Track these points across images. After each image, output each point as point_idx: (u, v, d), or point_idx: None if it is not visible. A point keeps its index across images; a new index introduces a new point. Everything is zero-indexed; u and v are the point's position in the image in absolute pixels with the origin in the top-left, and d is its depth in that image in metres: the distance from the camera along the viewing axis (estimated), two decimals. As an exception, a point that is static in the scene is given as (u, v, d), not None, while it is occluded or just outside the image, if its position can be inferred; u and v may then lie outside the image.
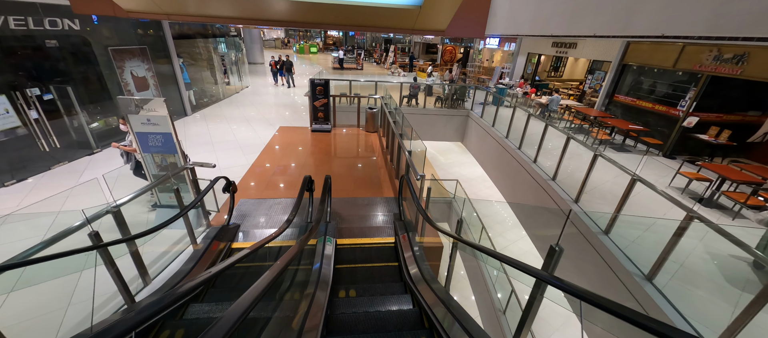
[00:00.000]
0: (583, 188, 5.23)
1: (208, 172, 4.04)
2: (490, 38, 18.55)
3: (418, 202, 3.44)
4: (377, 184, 5.73)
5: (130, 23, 7.72)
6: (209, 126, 8.60)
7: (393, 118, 6.43)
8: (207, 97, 11.24)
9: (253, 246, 2.47)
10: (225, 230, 3.90)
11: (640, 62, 9.12)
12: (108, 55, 6.97)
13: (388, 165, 6.57)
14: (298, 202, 3.31)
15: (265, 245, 2.67)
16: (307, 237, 2.67)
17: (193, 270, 3.22)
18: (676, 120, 8.05)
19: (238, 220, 4.40)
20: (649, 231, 4.55)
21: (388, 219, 4.66)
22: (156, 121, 3.68)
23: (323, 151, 7.18)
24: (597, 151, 4.95)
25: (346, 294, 3.06)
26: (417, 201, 3.46)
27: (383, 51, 31.39)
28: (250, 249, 2.39)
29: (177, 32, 9.13)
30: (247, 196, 5.07)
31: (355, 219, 4.61)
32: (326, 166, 6.38)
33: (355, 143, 7.83)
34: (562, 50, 12.80)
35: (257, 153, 6.78)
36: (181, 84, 9.11)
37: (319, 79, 8.19)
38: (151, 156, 3.92)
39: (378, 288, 3.15)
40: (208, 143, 7.19)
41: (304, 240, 2.66)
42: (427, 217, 3.07)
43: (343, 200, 5.10)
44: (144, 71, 7.98)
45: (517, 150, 7.80)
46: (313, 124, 8.54)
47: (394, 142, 6.52)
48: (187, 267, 3.19)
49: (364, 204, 5.03)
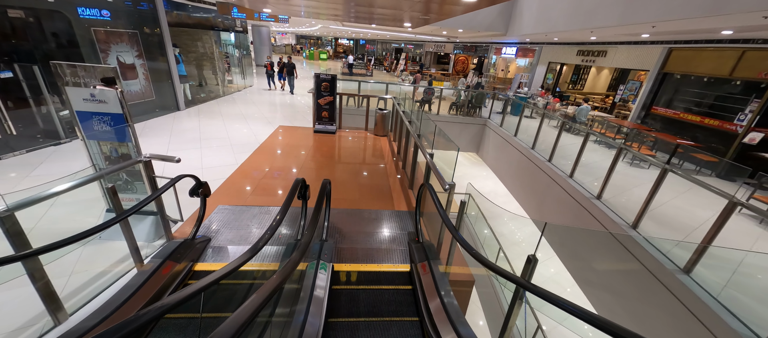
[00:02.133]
0: (646, 210, 4.18)
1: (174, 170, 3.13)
2: (507, 46, 17.76)
3: (448, 222, 2.47)
4: (387, 195, 4.77)
5: (120, 3, 7.03)
6: (201, 121, 7.78)
7: (408, 117, 5.51)
8: (205, 92, 10.51)
9: (211, 278, 1.53)
10: (187, 246, 2.95)
11: (685, 71, 8.13)
12: (91, 35, 6.24)
13: (401, 172, 5.61)
14: (283, 212, 2.37)
15: (231, 272, 1.73)
16: (286, 271, 1.71)
17: (128, 302, 2.26)
18: (731, 136, 6.99)
19: (210, 232, 3.46)
20: (744, 273, 3.48)
21: (401, 238, 3.67)
22: (104, 97, 2.80)
23: (326, 154, 6.27)
24: (667, 166, 3.93)
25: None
26: (447, 220, 2.49)
27: (393, 59, 30.91)
28: (194, 291, 1.43)
29: (174, 19, 8.45)
30: (228, 202, 4.13)
31: (360, 237, 3.64)
32: (328, 171, 5.45)
33: (363, 146, 6.92)
34: (589, 59, 11.88)
35: (249, 152, 5.89)
36: (174, 76, 8.36)
37: (325, 74, 7.35)
38: (96, 144, 3.02)
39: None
40: (196, 140, 6.34)
41: (282, 274, 1.70)
42: (467, 246, 2.08)
43: (346, 212, 4.13)
44: (133, 58, 7.24)
45: (548, 162, 6.79)
46: (317, 124, 7.67)
47: (408, 147, 5.58)
48: (118, 300, 2.23)
49: (371, 218, 4.06)
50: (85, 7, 6.29)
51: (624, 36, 8.93)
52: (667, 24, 4.69)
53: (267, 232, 2.07)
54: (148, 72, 7.67)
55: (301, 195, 3.19)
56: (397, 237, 3.68)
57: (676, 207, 5.16)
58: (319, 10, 5.16)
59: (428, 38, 20.40)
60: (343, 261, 3.18)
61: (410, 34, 18.18)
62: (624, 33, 6.58)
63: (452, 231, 2.37)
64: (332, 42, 44.77)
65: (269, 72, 14.11)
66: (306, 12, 5.74)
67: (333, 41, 44.62)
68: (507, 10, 9.58)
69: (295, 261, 1.91)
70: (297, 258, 1.94)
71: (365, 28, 15.82)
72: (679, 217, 4.84)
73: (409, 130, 4.97)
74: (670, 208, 5.06)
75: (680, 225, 4.66)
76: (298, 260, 1.95)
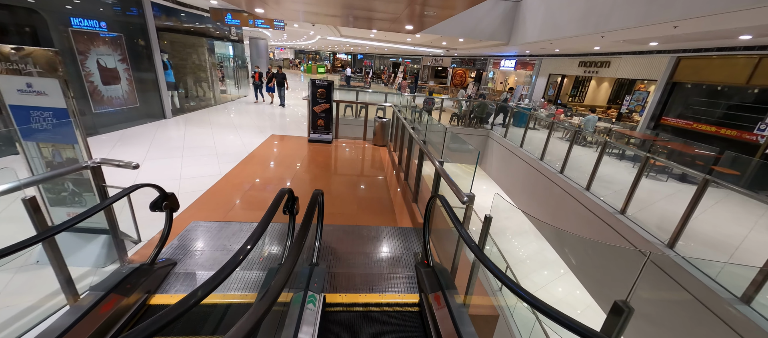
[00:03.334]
0: (683, 228, 3.67)
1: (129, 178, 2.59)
2: (506, 59, 17.68)
3: (472, 244, 1.93)
4: (388, 209, 4.23)
5: (109, 8, 6.64)
6: (187, 130, 7.26)
7: (412, 124, 5.04)
8: (195, 100, 10.04)
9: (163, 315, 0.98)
10: (143, 273, 2.37)
11: (696, 80, 7.83)
12: (69, 36, 5.79)
13: (403, 185, 5.09)
14: (261, 229, 1.84)
15: (191, 306, 1.19)
16: (258, 313, 1.16)
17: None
18: (751, 146, 6.60)
19: (177, 254, 2.87)
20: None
21: (406, 260, 3.12)
22: (41, 88, 2.28)
23: (321, 164, 5.74)
24: (709, 177, 3.45)
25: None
26: (471, 241, 1.95)
27: (391, 73, 30.95)
28: None
29: (163, 24, 8.07)
30: (205, 217, 3.56)
31: (357, 260, 3.07)
32: (323, 182, 4.92)
33: (361, 157, 6.41)
34: (592, 70, 11.67)
35: (236, 162, 5.35)
36: (161, 82, 7.90)
37: (321, 80, 6.93)
38: (35, 146, 2.48)
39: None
40: (178, 148, 5.80)
41: (252, 318, 1.14)
42: (507, 279, 1.54)
43: (342, 229, 3.58)
44: (116, 62, 6.78)
45: (560, 175, 6.32)
46: (312, 133, 7.18)
47: (412, 156, 5.09)
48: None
49: (371, 236, 3.50)
50: (81, 18, 5.97)
51: (630, 45, 8.68)
52: (691, 23, 4.34)
53: (230, 262, 1.52)
54: (133, 77, 7.20)
55: (288, 209, 2.64)
56: (402, 260, 3.12)
57: (705, 221, 4.66)
58: (315, 9, 4.76)
59: (426, 51, 20.35)
60: (337, 289, 2.61)
61: (408, 46, 18.08)
62: (637, 38, 6.28)
63: (479, 256, 1.83)
64: (330, 56, 45.07)
65: (256, 83, 12.77)
66: (301, 13, 5.35)
67: (331, 56, 44.92)
68: (509, 18, 9.35)
69: (272, 295, 1.35)
70: (275, 292, 1.39)
71: (364, 38, 15.66)
72: (714, 235, 4.33)
73: (414, 136, 4.49)
74: (700, 224, 4.57)
75: (718, 243, 4.15)
76: (276, 294, 1.40)
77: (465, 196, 2.32)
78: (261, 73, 12.84)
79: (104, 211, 2.45)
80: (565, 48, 10.74)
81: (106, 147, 5.60)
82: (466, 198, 2.31)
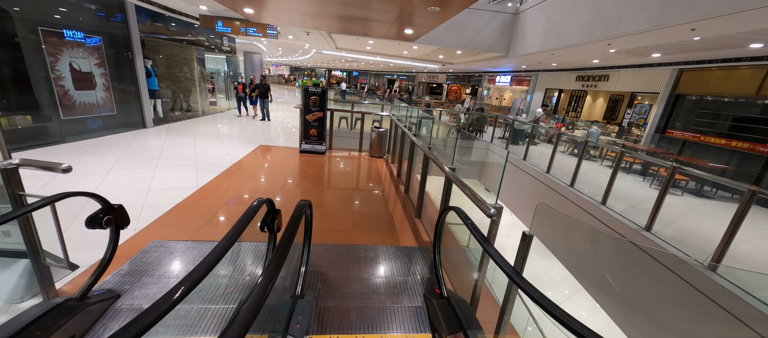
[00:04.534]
0: (726, 249, 3.21)
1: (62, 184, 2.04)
2: (502, 75, 17.70)
3: (509, 269, 1.42)
4: (387, 225, 3.70)
5: (92, 14, 6.20)
6: (167, 139, 6.70)
7: (414, 131, 4.59)
8: (181, 111, 9.51)
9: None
10: (67, 310, 1.78)
11: (701, 91, 7.65)
12: (38, 37, 5.30)
13: (404, 198, 4.58)
14: (222, 249, 1.32)
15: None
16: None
17: None
18: (765, 159, 6.30)
19: (127, 282, 2.28)
20: None
21: (412, 287, 2.56)
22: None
23: (312, 176, 5.22)
24: (756, 188, 3.03)
25: None
26: (507, 266, 1.44)
27: (386, 89, 31.04)
28: None
29: (149, 30, 7.65)
30: (169, 235, 2.98)
31: (353, 288, 2.51)
32: (314, 195, 4.38)
33: (356, 168, 5.91)
34: (590, 84, 11.57)
35: (216, 173, 4.80)
36: (142, 89, 7.38)
37: (314, 88, 6.51)
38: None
39: None
40: (152, 158, 5.23)
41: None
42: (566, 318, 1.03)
43: (335, 249, 3.02)
44: (91, 66, 6.27)
45: (570, 188, 5.89)
46: (303, 144, 6.68)
47: (413, 166, 4.61)
48: None
49: (369, 257, 2.95)
50: (71, 30, 5.62)
51: (631, 58, 8.56)
52: (709, 26, 4.07)
53: (161, 301, 0.99)
54: (110, 83, 6.68)
55: (268, 225, 2.10)
56: (408, 287, 2.57)
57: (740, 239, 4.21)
58: (306, 7, 4.39)
59: (422, 65, 20.37)
60: (327, 329, 2.04)
61: (404, 61, 18.03)
62: (645, 45, 6.06)
63: (526, 288, 1.31)
64: (326, 73, 45.35)
65: (240, 95, 11.33)
66: (293, 13, 4.98)
67: (326, 72, 45.21)
68: (507, 30, 9.22)
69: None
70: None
71: (359, 51, 15.52)
72: (754, 255, 3.87)
73: (416, 143, 4.02)
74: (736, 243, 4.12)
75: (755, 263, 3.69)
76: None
77: (492, 208, 1.83)
78: (245, 84, 11.46)
79: (22, 230, 1.88)
80: (564, 62, 10.64)
81: (70, 156, 5.00)
82: (493, 211, 1.81)
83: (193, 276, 1.15)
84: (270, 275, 1.23)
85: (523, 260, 1.66)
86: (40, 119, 5.48)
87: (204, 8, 7.94)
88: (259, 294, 1.10)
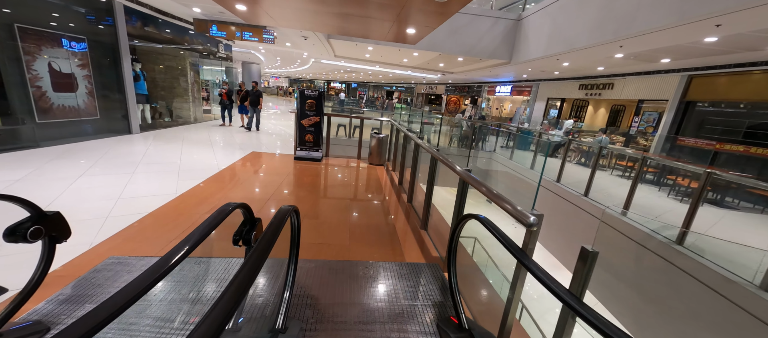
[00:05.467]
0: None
1: None
2: (502, 85, 17.55)
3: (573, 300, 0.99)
4: (389, 238, 3.25)
5: (81, 17, 5.88)
6: (152, 145, 6.28)
7: (418, 133, 4.20)
8: (171, 117, 9.12)
9: None
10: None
11: (714, 98, 7.37)
12: (14, 32, 4.94)
13: (406, 207, 4.15)
14: (163, 262, 0.87)
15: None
16: None
17: None
18: (791, 167, 5.94)
19: (65, 310, 1.82)
20: None
21: (421, 313, 2.10)
22: None
23: (307, 185, 4.78)
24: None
25: None
26: (564, 293, 1.01)
27: (385, 99, 31.00)
28: None
29: (139, 33, 7.33)
30: (132, 250, 2.52)
31: (349, 314, 2.05)
32: (308, 204, 3.94)
33: (354, 177, 5.49)
34: (594, 92, 11.34)
35: (200, 180, 4.36)
36: (129, 93, 7.00)
37: (311, 91, 6.16)
38: None
39: None
40: (131, 164, 4.79)
41: None
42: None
43: (328, 266, 2.57)
44: (74, 67, 5.90)
45: (585, 198, 5.48)
46: (298, 150, 6.27)
47: (417, 173, 4.20)
48: None
49: (369, 275, 2.50)
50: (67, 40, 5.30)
51: (639, 64, 8.32)
52: (736, 20, 3.77)
53: None
54: (94, 86, 6.30)
55: (243, 238, 1.66)
56: (417, 313, 2.11)
57: None
58: (302, 4, 4.07)
59: (421, 76, 20.25)
60: (315, 374, 1.57)
61: (403, 70, 17.89)
62: (658, 47, 5.78)
63: (589, 316, 0.88)
64: (324, 85, 45.46)
65: (224, 102, 10.11)
66: (288, 11, 4.67)
67: (325, 84, 45.32)
68: (510, 37, 9.00)
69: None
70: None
71: (358, 60, 15.34)
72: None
73: (421, 145, 3.62)
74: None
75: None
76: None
77: (530, 215, 1.40)
78: (230, 90, 10.33)
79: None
80: (567, 70, 10.43)
81: (40, 160, 4.55)
82: (532, 219, 1.39)
83: (109, 304, 0.75)
84: (230, 299, 0.81)
85: (583, 283, 1.23)
86: (11, 122, 5.06)
87: (197, 10, 7.68)
88: (209, 328, 0.69)
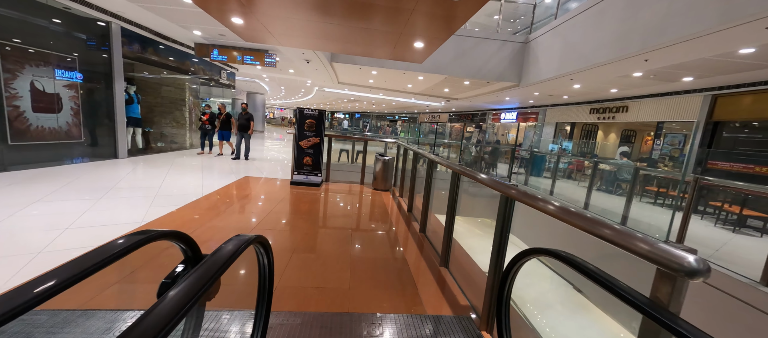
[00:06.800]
0: None
1: None
2: (507, 112, 17.30)
3: None
4: (401, 278, 2.56)
5: (54, 18, 5.59)
6: (135, 170, 5.73)
7: (430, 151, 3.61)
8: (164, 142, 8.69)
9: None
10: None
11: (745, 117, 6.83)
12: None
13: (419, 238, 3.46)
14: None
15: None
16: None
17: None
18: None
19: None
20: None
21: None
22: None
23: (303, 213, 4.13)
24: None
25: None
26: None
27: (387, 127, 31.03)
28: None
29: (135, 53, 7.09)
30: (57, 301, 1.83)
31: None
32: (303, 236, 3.27)
33: (357, 204, 4.84)
34: (607, 116, 10.90)
35: (175, 207, 3.73)
36: (119, 116, 6.59)
37: (310, 110, 5.71)
38: None
39: None
40: (100, 189, 4.20)
41: None
42: None
43: (321, 321, 1.87)
44: (60, 87, 5.54)
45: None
46: (295, 175, 5.69)
47: (431, 199, 3.56)
48: None
49: (374, 336, 1.78)
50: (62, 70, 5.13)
51: (657, 84, 7.91)
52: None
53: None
54: (80, 107, 5.91)
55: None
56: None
57: None
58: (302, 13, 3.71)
59: (425, 103, 20.17)
60: None
61: (407, 98, 17.80)
62: (684, 62, 5.34)
63: None
64: (328, 116, 46.13)
65: (205, 127, 8.49)
66: (287, 26, 4.32)
67: (329, 115, 46.00)
68: (518, 59, 8.74)
69: None
70: None
71: (362, 87, 15.24)
72: None
73: (440, 163, 3.02)
74: None
75: None
76: None
77: (693, 259, 0.76)
78: (213, 113, 8.66)
79: None
80: (576, 93, 10.08)
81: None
82: (699, 265, 0.74)
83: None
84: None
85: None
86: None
87: (198, 33, 7.51)
88: None
